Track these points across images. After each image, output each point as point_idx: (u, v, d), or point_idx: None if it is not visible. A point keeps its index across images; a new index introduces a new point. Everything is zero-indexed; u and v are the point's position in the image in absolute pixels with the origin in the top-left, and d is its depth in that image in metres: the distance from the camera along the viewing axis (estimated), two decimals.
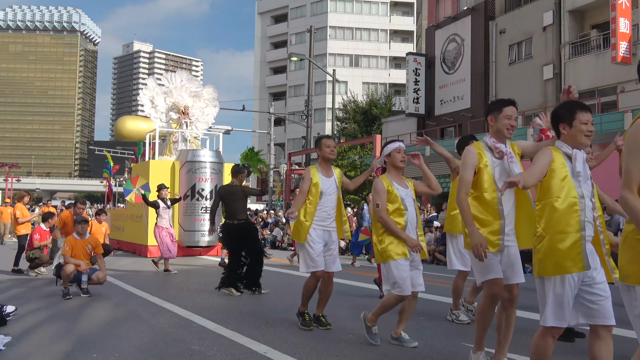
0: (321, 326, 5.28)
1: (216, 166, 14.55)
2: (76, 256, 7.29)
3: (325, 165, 5.36)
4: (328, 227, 5.24)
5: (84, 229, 7.44)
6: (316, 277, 5.21)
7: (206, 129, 17.07)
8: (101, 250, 7.71)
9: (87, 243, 7.45)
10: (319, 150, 5.40)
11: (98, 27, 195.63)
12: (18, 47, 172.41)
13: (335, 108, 31.27)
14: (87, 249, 7.45)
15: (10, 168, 60.57)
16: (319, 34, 49.22)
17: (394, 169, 4.65)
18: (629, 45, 20.31)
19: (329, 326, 5.26)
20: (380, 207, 4.49)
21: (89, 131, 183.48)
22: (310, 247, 5.13)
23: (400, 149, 4.64)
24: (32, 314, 6.10)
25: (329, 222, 5.25)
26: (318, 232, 5.16)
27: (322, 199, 5.16)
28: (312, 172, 5.27)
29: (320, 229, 5.17)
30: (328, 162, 5.36)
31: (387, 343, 4.73)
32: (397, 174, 4.66)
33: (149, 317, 5.97)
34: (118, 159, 37.13)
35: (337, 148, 27.87)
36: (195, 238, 14.06)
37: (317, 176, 5.24)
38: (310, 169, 5.32)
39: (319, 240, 5.16)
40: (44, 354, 4.37)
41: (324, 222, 5.20)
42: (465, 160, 3.74)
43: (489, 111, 3.89)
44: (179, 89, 16.31)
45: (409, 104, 31.31)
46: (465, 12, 29.42)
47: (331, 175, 5.34)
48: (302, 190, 5.26)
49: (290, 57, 26.76)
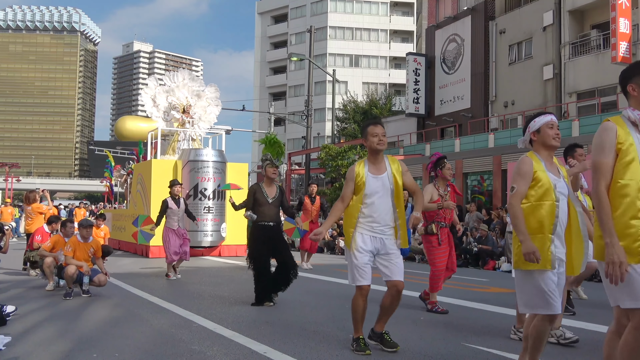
0: (386, 347, 4.44)
1: (219, 165, 14.40)
2: (77, 258, 7.37)
3: (373, 159, 4.44)
4: (381, 234, 4.35)
5: (88, 234, 7.51)
6: (362, 292, 4.38)
7: (208, 128, 16.95)
8: (101, 254, 7.84)
9: (89, 247, 7.53)
10: (365, 141, 4.48)
11: (98, 27, 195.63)
12: (18, 47, 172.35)
13: (335, 108, 31.29)
14: (89, 252, 7.54)
15: (10, 168, 60.54)
16: (319, 34, 49.20)
17: (544, 148, 3.57)
18: (629, 45, 20.31)
19: (397, 347, 4.44)
20: (515, 191, 3.42)
21: (89, 131, 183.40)
22: (354, 255, 4.35)
23: (552, 124, 3.58)
24: (32, 314, 6.10)
25: (382, 228, 4.34)
26: (365, 239, 4.34)
27: (367, 200, 4.33)
28: (358, 169, 4.40)
29: (368, 235, 4.35)
30: (376, 154, 4.43)
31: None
32: (548, 155, 3.57)
33: (149, 317, 5.97)
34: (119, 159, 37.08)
35: (337, 148, 28.00)
36: (197, 238, 13.89)
37: (362, 173, 4.38)
38: (356, 165, 4.45)
39: (365, 247, 4.33)
40: (44, 354, 4.37)
41: (374, 227, 4.34)
42: (601, 140, 3.02)
43: (630, 77, 2.98)
44: (181, 88, 16.20)
45: (409, 104, 31.32)
46: (465, 12, 29.42)
47: (383, 172, 4.39)
48: (344, 195, 4.43)
49: (290, 57, 26.76)
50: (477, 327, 5.53)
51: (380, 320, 4.53)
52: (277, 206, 6.83)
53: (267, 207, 6.71)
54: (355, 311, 4.45)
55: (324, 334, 5.13)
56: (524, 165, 3.43)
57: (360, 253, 4.32)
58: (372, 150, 4.42)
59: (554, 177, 3.47)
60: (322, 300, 7.33)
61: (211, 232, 14.12)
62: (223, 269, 11.56)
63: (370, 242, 4.34)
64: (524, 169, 3.42)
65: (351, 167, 4.48)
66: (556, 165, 3.60)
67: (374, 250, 4.36)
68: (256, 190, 6.79)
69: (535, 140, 3.60)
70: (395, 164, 4.47)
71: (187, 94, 16.22)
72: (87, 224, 7.56)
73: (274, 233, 6.77)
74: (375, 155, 4.42)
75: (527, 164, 3.43)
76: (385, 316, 4.51)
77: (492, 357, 4.36)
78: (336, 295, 7.74)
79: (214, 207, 14.19)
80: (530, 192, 3.41)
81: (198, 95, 16.42)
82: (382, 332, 4.51)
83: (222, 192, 14.23)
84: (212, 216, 14.13)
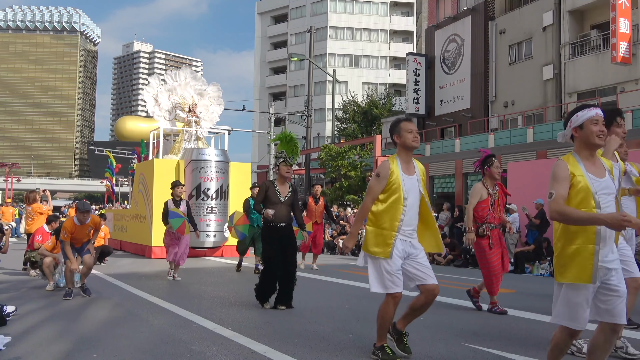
0: (399, 348, 4.26)
1: (222, 165, 14.23)
2: (77, 238, 7.32)
3: (406, 157, 4.21)
4: (410, 238, 4.16)
5: (85, 218, 7.34)
6: (395, 300, 4.09)
7: (211, 128, 16.75)
8: (100, 227, 7.71)
9: (87, 227, 7.40)
10: (398, 137, 4.20)
11: (98, 27, 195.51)
12: (18, 47, 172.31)
13: (335, 108, 31.30)
14: (88, 230, 7.43)
15: (10, 168, 60.59)
16: (319, 34, 49.20)
17: (585, 147, 3.22)
18: (629, 46, 20.31)
19: (410, 354, 4.28)
20: (554, 196, 3.11)
21: (89, 131, 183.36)
22: (387, 261, 4.05)
23: (597, 119, 3.22)
24: (32, 314, 6.10)
25: (411, 231, 4.16)
26: (397, 244, 4.10)
27: (406, 202, 4.09)
28: (392, 167, 4.12)
29: (400, 239, 4.10)
30: (410, 151, 4.21)
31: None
32: (589, 154, 3.22)
33: (149, 317, 5.97)
34: (119, 159, 37.09)
35: (337, 148, 27.99)
36: (200, 239, 13.63)
37: (397, 172, 4.11)
38: (389, 161, 4.17)
39: (398, 253, 4.09)
40: (44, 354, 4.37)
41: (406, 230, 4.12)
42: None
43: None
44: (183, 87, 16.04)
45: (409, 104, 31.32)
46: (465, 12, 29.42)
47: (413, 172, 4.20)
48: (375, 192, 4.13)
49: (290, 57, 26.76)
50: (477, 327, 5.53)
51: (406, 318, 4.33)
52: (289, 206, 6.55)
53: (278, 206, 6.44)
54: (385, 319, 4.15)
55: (324, 334, 5.13)
56: (559, 170, 3.15)
57: (394, 259, 4.06)
58: (407, 147, 4.18)
59: (594, 179, 3.13)
60: (322, 300, 7.33)
61: (214, 232, 13.96)
62: (224, 269, 11.55)
63: (402, 246, 4.12)
64: (559, 173, 3.14)
65: (384, 163, 4.18)
66: (601, 162, 3.24)
67: (405, 255, 4.13)
68: (269, 187, 6.53)
69: (577, 137, 3.24)
70: (420, 165, 4.32)
71: (192, 92, 16.07)
72: (84, 209, 7.35)
73: (285, 234, 6.50)
74: (409, 153, 4.21)
75: (561, 168, 3.15)
76: (412, 317, 4.33)
77: (492, 357, 4.36)
78: (336, 295, 7.74)
79: (217, 207, 14.02)
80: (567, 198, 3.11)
81: (200, 94, 16.25)
82: (402, 332, 4.32)
83: (225, 192, 14.13)
84: (215, 216, 13.97)
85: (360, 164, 26.61)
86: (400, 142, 4.19)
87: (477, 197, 6.22)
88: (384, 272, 4.05)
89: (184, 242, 9.50)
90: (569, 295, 3.07)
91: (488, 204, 6.28)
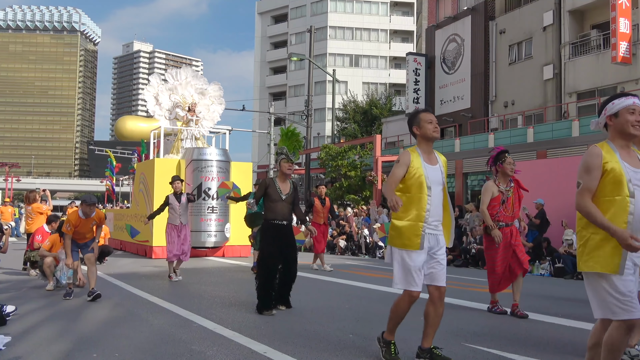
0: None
1: (223, 165, 14.20)
2: (81, 233, 7.20)
3: (426, 148, 4.09)
4: (436, 230, 4.01)
5: (90, 211, 7.18)
6: (413, 297, 3.97)
7: (212, 127, 16.67)
8: (104, 222, 7.56)
9: (92, 220, 7.27)
10: (418, 128, 4.10)
11: (98, 27, 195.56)
12: (18, 47, 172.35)
13: (335, 108, 31.30)
14: (92, 224, 7.32)
15: (10, 168, 60.61)
16: (319, 34, 49.21)
17: (620, 136, 3.07)
18: (629, 45, 20.31)
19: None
20: (581, 187, 3.00)
21: (89, 131, 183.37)
22: (411, 257, 3.91)
23: (635, 109, 3.05)
24: (32, 314, 6.10)
25: (436, 223, 4.01)
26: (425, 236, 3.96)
27: (431, 192, 3.95)
28: (413, 157, 4.00)
29: (427, 232, 3.97)
30: (431, 142, 4.10)
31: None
32: (624, 144, 3.08)
33: (149, 317, 5.97)
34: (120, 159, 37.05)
35: (337, 148, 27.99)
36: (201, 239, 13.74)
37: (418, 162, 3.98)
38: (410, 151, 4.05)
39: (426, 247, 3.97)
40: (44, 353, 4.37)
41: (431, 223, 3.98)
42: None
43: None
44: (184, 86, 15.98)
45: (409, 104, 31.32)
46: (465, 12, 29.42)
47: (436, 163, 4.08)
48: (394, 175, 3.97)
49: (290, 57, 26.75)
50: (477, 327, 5.53)
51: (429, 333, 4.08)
52: (290, 203, 6.36)
53: (279, 203, 6.26)
54: (397, 314, 4.06)
55: (324, 334, 5.13)
56: (591, 158, 2.99)
57: (419, 254, 3.92)
58: (427, 138, 4.06)
59: (630, 168, 2.97)
60: (322, 300, 7.33)
61: (215, 232, 13.92)
62: (224, 269, 11.55)
63: (427, 240, 3.95)
64: (590, 162, 2.98)
65: (404, 152, 4.08)
66: (636, 154, 3.09)
67: (429, 249, 3.98)
68: (269, 184, 6.34)
69: (612, 125, 3.09)
70: (442, 157, 4.20)
71: (192, 91, 16.01)
72: (91, 202, 7.17)
73: (285, 233, 6.31)
74: (429, 144, 4.09)
75: (594, 156, 2.99)
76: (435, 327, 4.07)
77: (492, 357, 4.36)
78: (336, 295, 7.74)
79: (218, 207, 13.98)
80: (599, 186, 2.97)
81: (202, 93, 16.18)
82: (430, 348, 4.10)
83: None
84: (216, 216, 13.94)
85: (360, 164, 26.61)
86: (420, 133, 4.08)
87: (489, 195, 6.07)
88: (407, 268, 3.92)
89: (186, 238, 9.45)
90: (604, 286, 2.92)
91: (499, 202, 6.11)
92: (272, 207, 6.28)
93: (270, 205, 6.29)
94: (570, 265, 11.01)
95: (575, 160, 14.36)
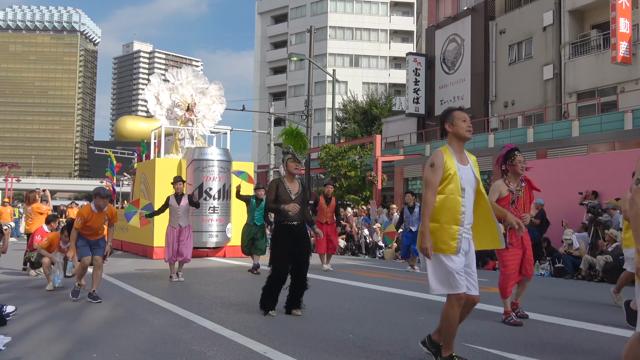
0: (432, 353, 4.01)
1: (224, 164, 14.13)
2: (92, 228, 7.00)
3: (458, 147, 3.95)
4: (469, 234, 3.88)
5: (104, 204, 6.95)
6: (460, 299, 3.78)
7: (213, 127, 16.58)
8: (116, 220, 7.35)
9: (104, 215, 7.08)
10: (451, 126, 3.97)
11: (98, 27, 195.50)
12: (18, 47, 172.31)
13: (335, 108, 31.30)
14: (104, 220, 7.13)
15: (10, 168, 60.61)
16: (319, 34, 49.21)
17: None
18: (629, 45, 20.31)
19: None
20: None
21: (89, 131, 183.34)
22: (451, 259, 3.76)
23: None
24: (32, 314, 6.10)
25: (470, 227, 3.89)
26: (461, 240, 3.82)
27: (465, 194, 3.82)
28: (446, 156, 3.85)
29: (463, 235, 3.84)
30: (463, 142, 3.97)
31: (387, 342, 4.73)
32: None
33: (149, 317, 5.97)
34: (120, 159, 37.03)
35: (337, 148, 28.00)
36: (202, 239, 13.67)
37: (452, 161, 3.84)
38: (442, 151, 3.90)
39: (463, 251, 3.83)
40: (44, 354, 4.36)
41: (466, 226, 3.85)
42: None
43: None
44: (185, 85, 15.94)
45: (409, 104, 31.33)
46: (465, 12, 29.42)
47: (466, 162, 3.94)
48: (434, 185, 3.80)
49: (290, 57, 26.75)
50: (477, 327, 5.52)
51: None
52: (300, 203, 6.12)
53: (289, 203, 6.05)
54: (452, 324, 3.79)
55: (324, 334, 5.13)
56: None
57: (459, 256, 3.77)
58: (460, 137, 3.93)
59: None
60: (322, 300, 7.32)
61: (216, 232, 13.86)
62: (225, 269, 11.55)
63: (464, 243, 3.82)
64: None
65: (436, 152, 3.90)
66: None
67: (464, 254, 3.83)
68: (278, 184, 6.16)
69: None
70: (473, 157, 4.07)
71: (192, 91, 15.95)
72: (105, 194, 6.95)
73: (296, 234, 6.07)
74: (461, 143, 3.95)
75: None
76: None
77: (492, 357, 4.36)
78: (336, 295, 7.74)
79: (220, 207, 13.93)
80: None
81: (202, 92, 16.13)
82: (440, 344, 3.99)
83: (228, 192, 14.05)
84: (218, 216, 13.89)
85: (360, 164, 26.62)
86: (453, 130, 3.94)
87: (496, 194, 5.84)
88: (448, 270, 3.73)
89: (186, 240, 9.35)
90: None
91: (508, 202, 5.87)
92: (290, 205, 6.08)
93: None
94: (570, 265, 11.00)
95: (575, 160, 14.36)
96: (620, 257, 10.21)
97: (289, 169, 6.23)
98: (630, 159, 13.81)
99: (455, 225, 3.76)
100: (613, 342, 4.86)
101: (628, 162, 13.77)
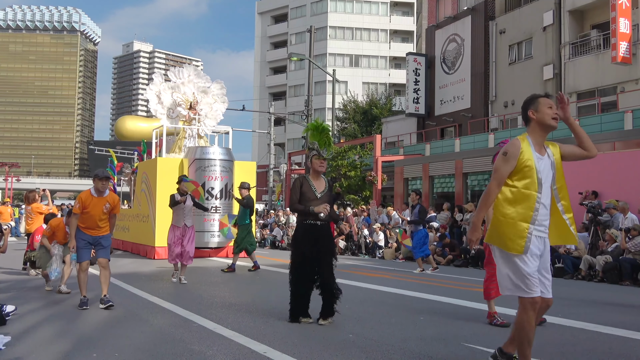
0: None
1: (226, 164, 14.09)
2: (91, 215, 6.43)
3: (539, 138, 3.63)
4: (544, 232, 3.57)
5: (104, 187, 6.44)
6: (535, 304, 3.47)
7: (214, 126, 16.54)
8: (118, 211, 6.79)
9: (104, 201, 6.46)
10: (534, 112, 3.63)
11: (98, 27, 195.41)
12: (18, 47, 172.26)
13: (335, 108, 31.27)
14: (105, 207, 6.48)
15: (10, 168, 60.56)
16: (319, 34, 49.20)
17: None
18: (629, 45, 20.31)
19: None
20: None
21: (89, 131, 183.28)
22: (524, 261, 3.45)
23: None
24: (32, 314, 6.10)
25: (546, 222, 3.57)
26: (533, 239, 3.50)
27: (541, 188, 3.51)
28: (523, 145, 3.54)
29: (535, 235, 3.50)
30: (545, 132, 3.64)
31: (387, 342, 4.73)
32: None
33: (149, 317, 5.97)
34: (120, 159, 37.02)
35: (337, 148, 27.99)
36: (204, 239, 13.64)
37: (529, 152, 3.53)
38: (520, 140, 3.59)
39: (536, 251, 3.51)
40: (43, 354, 4.36)
41: (542, 224, 3.53)
42: None
43: None
44: (187, 84, 15.90)
45: (409, 104, 31.32)
46: (465, 12, 29.42)
47: (544, 152, 3.62)
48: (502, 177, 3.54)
49: (290, 57, 26.75)
50: (477, 327, 5.52)
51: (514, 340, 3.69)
52: (326, 202, 5.73)
53: (315, 202, 5.67)
54: (525, 331, 3.49)
55: (324, 334, 5.13)
56: None
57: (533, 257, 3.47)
58: (544, 125, 3.59)
59: None
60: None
61: (218, 232, 13.77)
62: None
63: (537, 242, 3.51)
64: None
65: (513, 141, 3.60)
66: None
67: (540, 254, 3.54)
68: (303, 183, 5.79)
69: None
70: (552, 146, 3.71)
71: (193, 89, 15.91)
72: (103, 175, 6.40)
73: (319, 233, 5.69)
74: (544, 134, 3.62)
75: None
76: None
77: None
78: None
79: (222, 206, 13.89)
80: None
81: (204, 91, 16.09)
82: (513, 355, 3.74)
83: (229, 192, 14.03)
84: (219, 216, 13.75)
85: (360, 164, 26.61)
86: (536, 117, 3.59)
87: None
88: (521, 272, 3.44)
89: (190, 239, 9.22)
90: None
91: None
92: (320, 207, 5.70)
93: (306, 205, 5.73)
94: (570, 265, 11.00)
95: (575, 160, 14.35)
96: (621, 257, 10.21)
97: (314, 167, 5.85)
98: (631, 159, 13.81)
99: (524, 223, 3.45)
100: (613, 342, 4.86)
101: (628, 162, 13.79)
